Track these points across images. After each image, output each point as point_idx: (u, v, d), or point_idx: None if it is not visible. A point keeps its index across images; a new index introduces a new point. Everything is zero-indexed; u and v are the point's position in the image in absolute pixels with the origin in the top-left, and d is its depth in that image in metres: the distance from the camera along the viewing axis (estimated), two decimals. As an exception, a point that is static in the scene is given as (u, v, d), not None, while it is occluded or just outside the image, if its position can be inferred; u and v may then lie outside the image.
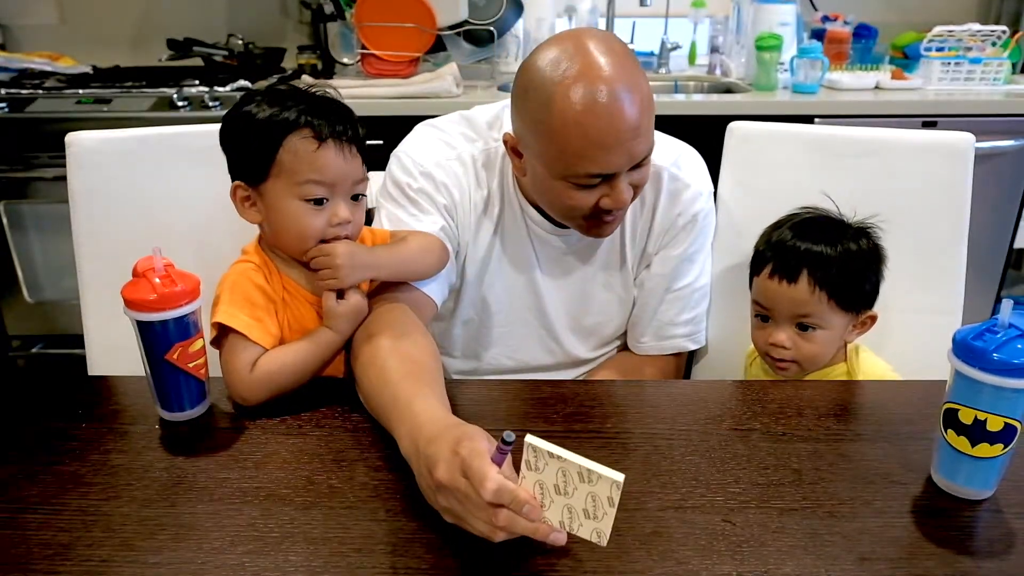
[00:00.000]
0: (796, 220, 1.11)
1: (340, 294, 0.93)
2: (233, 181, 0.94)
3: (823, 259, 1.04)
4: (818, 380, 1.10)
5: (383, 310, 0.95)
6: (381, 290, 1.00)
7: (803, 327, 1.07)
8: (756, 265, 1.11)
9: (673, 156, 1.13)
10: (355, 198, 0.94)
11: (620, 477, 0.60)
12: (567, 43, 0.94)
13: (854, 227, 1.09)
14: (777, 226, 1.12)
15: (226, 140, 0.95)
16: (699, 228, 1.15)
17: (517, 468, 0.63)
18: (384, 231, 1.04)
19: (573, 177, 0.96)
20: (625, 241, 1.14)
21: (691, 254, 1.16)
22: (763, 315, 1.11)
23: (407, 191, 1.06)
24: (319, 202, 0.91)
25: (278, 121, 0.90)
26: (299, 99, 0.92)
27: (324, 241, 0.92)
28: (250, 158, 0.92)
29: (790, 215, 1.13)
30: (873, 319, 1.10)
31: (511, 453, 0.63)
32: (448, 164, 1.08)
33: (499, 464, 0.62)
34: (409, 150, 1.09)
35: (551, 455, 0.61)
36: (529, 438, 0.62)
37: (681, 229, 1.14)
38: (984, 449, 0.71)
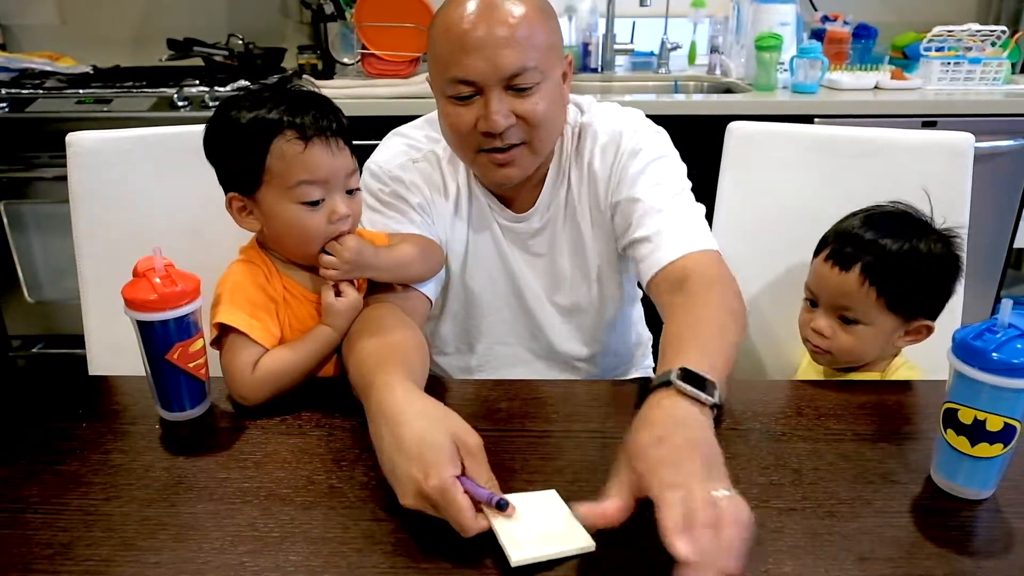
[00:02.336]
0: (872, 210, 1.06)
1: (338, 292, 0.94)
2: (226, 192, 0.94)
3: (883, 253, 1.00)
4: (820, 380, 1.10)
5: (371, 308, 0.97)
6: (377, 288, 1.01)
7: (846, 320, 1.04)
8: (818, 249, 1.09)
9: (600, 114, 1.12)
10: (350, 192, 0.94)
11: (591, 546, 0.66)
12: None
13: (936, 231, 1.03)
14: (853, 214, 1.07)
15: (211, 152, 0.94)
16: (644, 146, 1.08)
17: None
18: (381, 233, 1.04)
19: (448, 88, 0.98)
20: (575, 204, 1.12)
21: (652, 160, 1.07)
22: (812, 299, 1.09)
23: (381, 196, 1.08)
24: (315, 202, 0.90)
25: (261, 127, 0.88)
26: (278, 100, 0.90)
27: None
28: (239, 168, 0.91)
29: (871, 205, 1.08)
30: (929, 329, 1.03)
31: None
32: (416, 166, 1.11)
33: (468, 487, 0.66)
34: (378, 159, 1.12)
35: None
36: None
37: (629, 158, 1.07)
38: (984, 449, 0.71)
